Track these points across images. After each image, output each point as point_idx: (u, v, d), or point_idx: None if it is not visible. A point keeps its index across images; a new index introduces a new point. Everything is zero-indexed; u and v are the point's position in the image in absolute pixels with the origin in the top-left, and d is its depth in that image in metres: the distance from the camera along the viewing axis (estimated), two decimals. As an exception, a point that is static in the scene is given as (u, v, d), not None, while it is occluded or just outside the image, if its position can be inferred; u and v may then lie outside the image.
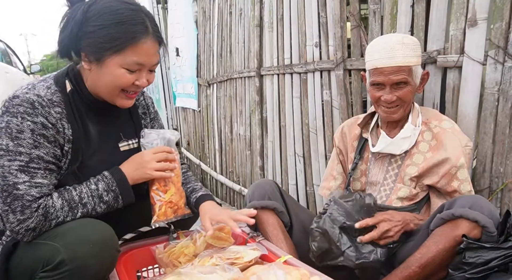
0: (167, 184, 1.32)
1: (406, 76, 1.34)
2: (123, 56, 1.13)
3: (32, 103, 1.09)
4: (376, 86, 1.41)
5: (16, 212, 1.06)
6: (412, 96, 1.40)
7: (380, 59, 1.36)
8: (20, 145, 1.07)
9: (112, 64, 1.14)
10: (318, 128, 2.12)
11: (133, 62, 1.15)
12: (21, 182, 1.07)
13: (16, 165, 1.07)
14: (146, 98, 1.49)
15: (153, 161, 1.26)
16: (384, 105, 1.41)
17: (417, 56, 1.36)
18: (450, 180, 1.35)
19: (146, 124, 1.46)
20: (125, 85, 1.18)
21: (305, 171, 2.28)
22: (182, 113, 4.64)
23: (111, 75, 1.15)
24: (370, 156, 1.55)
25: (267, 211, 1.48)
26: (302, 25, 2.14)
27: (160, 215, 1.31)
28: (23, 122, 1.08)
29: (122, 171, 1.23)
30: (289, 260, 1.17)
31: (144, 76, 1.20)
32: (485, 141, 1.41)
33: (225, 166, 3.41)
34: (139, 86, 1.20)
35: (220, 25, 3.26)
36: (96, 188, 1.18)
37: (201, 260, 1.18)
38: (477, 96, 1.41)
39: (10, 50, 6.17)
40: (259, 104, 2.67)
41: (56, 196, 1.12)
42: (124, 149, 1.33)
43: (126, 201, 1.23)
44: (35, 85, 1.15)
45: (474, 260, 1.11)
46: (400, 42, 1.35)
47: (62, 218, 1.11)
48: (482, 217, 1.13)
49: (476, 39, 1.37)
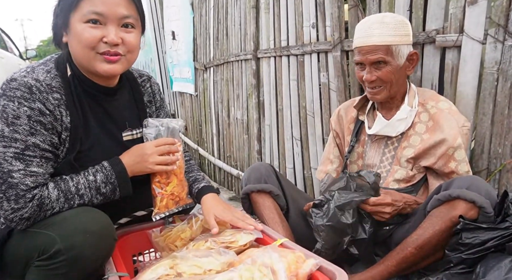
0: (169, 176, 1.29)
1: (383, 55, 1.33)
2: (80, 10, 1.08)
3: (29, 88, 1.05)
4: (359, 66, 1.41)
5: (10, 200, 1.03)
6: (395, 76, 1.36)
7: (359, 38, 1.38)
8: (16, 131, 1.04)
9: (74, 21, 1.09)
10: (316, 111, 2.09)
11: (89, 12, 1.08)
12: (15, 170, 1.04)
13: (11, 152, 1.04)
14: (152, 85, 1.43)
15: (154, 155, 1.21)
16: (368, 86, 1.41)
17: (398, 35, 1.33)
18: (448, 161, 1.33)
19: (151, 113, 1.41)
20: (92, 41, 1.09)
21: (302, 154, 2.27)
22: (180, 98, 4.61)
23: (76, 34, 1.09)
24: (366, 138, 1.54)
25: (263, 194, 1.47)
26: (299, 6, 2.09)
27: (161, 207, 1.28)
28: (19, 108, 1.04)
29: (122, 163, 1.19)
30: (285, 243, 1.16)
31: (112, 31, 1.10)
32: (484, 122, 1.39)
33: (222, 151, 3.40)
34: (110, 43, 1.11)
35: (216, 7, 3.21)
36: (94, 179, 1.14)
37: (196, 244, 1.17)
38: (476, 76, 1.38)
39: (5, 36, 6.09)
40: (256, 88, 2.64)
41: (52, 186, 1.09)
42: (127, 138, 1.29)
43: (123, 194, 1.20)
44: (34, 69, 1.11)
45: (471, 241, 1.11)
46: (379, 21, 1.34)
47: (57, 209, 1.09)
48: (479, 197, 1.12)
49: (476, 18, 1.34)
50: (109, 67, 1.14)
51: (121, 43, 1.13)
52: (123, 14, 1.12)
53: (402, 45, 1.34)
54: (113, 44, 1.12)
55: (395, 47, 1.33)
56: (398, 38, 1.33)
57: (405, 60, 1.36)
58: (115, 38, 1.11)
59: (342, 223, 1.31)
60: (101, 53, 1.12)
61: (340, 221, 1.31)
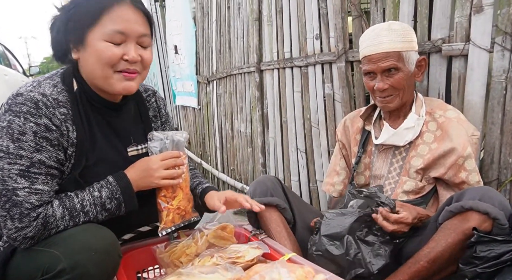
0: (175, 190, 1.27)
1: (395, 62, 1.32)
2: (101, 27, 1.08)
3: (36, 103, 1.03)
4: (369, 76, 1.40)
5: (14, 219, 1.01)
6: (407, 83, 1.36)
7: (368, 47, 1.36)
8: (21, 148, 1.02)
9: (94, 39, 1.08)
10: (320, 122, 2.07)
11: (112, 31, 1.08)
12: (20, 188, 1.01)
13: (16, 169, 1.01)
14: (158, 100, 1.42)
15: (160, 169, 1.19)
16: (379, 95, 1.39)
17: (407, 41, 1.33)
18: (458, 171, 1.30)
19: (157, 127, 1.39)
20: (113, 60, 1.09)
21: (307, 166, 2.24)
22: (183, 111, 4.61)
23: (96, 51, 1.08)
24: (373, 148, 1.51)
25: (269, 208, 1.44)
26: (302, 17, 2.09)
27: (167, 222, 1.26)
28: (25, 124, 1.02)
29: (127, 177, 1.16)
30: (293, 258, 1.13)
31: (132, 49, 1.11)
32: (493, 131, 1.37)
33: (226, 164, 3.38)
34: (130, 62, 1.11)
35: (219, 21, 3.22)
36: (99, 195, 1.12)
37: (202, 259, 1.14)
38: (484, 85, 1.37)
39: (9, 53, 6.16)
40: (259, 100, 2.63)
41: (56, 204, 1.06)
42: (132, 153, 1.27)
43: (128, 209, 1.17)
44: (40, 83, 1.09)
45: (486, 254, 1.07)
46: (386, 28, 1.34)
47: (62, 227, 1.07)
48: (493, 209, 1.08)
49: (482, 26, 1.33)
50: (127, 84, 1.14)
51: (139, 60, 1.14)
52: (141, 32, 1.13)
53: (411, 52, 1.34)
54: (134, 62, 1.12)
55: (405, 53, 1.32)
56: (407, 44, 1.33)
57: (414, 67, 1.36)
58: (136, 56, 1.12)
59: (331, 254, 1.23)
60: (119, 71, 1.12)
61: (328, 251, 1.23)
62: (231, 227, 1.33)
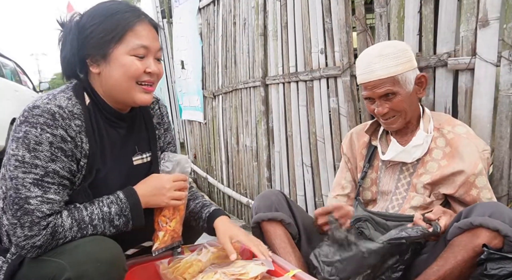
0: (175, 212, 1.30)
1: (390, 87, 1.30)
2: (126, 43, 1.15)
3: (53, 115, 1.07)
4: (368, 101, 1.40)
5: (24, 227, 1.02)
6: (408, 104, 1.34)
7: (361, 75, 1.36)
8: (36, 157, 1.04)
9: (119, 54, 1.15)
10: (326, 137, 2.06)
11: (137, 45, 1.16)
12: (33, 196, 1.03)
13: (30, 178, 1.04)
14: (161, 107, 1.45)
15: (172, 189, 1.23)
16: (381, 118, 1.39)
17: (401, 64, 1.30)
18: (469, 189, 1.28)
19: (160, 135, 1.42)
20: (137, 73, 1.16)
21: (313, 181, 2.22)
22: (189, 126, 4.62)
23: (121, 65, 1.15)
24: (380, 164, 1.49)
25: (274, 223, 1.42)
26: (307, 32, 2.11)
27: (162, 243, 1.28)
28: (42, 134, 1.05)
29: (137, 195, 1.18)
30: (298, 274, 1.11)
31: (152, 63, 1.19)
32: (502, 146, 1.35)
33: (232, 178, 3.36)
34: (152, 74, 1.19)
35: (225, 36, 3.25)
36: (109, 211, 1.13)
37: (205, 276, 1.13)
38: (492, 99, 1.35)
39: (20, 69, 6.26)
40: (265, 114, 2.63)
41: (65, 214, 1.08)
42: (137, 162, 1.30)
43: (135, 226, 1.19)
44: (55, 96, 1.13)
45: (497, 272, 1.04)
46: (378, 54, 1.32)
47: (70, 238, 1.08)
48: (504, 225, 1.06)
49: (488, 40, 1.32)
50: (147, 97, 1.21)
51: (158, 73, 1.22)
52: (159, 47, 1.22)
53: (407, 72, 1.31)
54: (155, 74, 1.21)
55: (400, 76, 1.30)
56: (401, 67, 1.30)
57: (413, 85, 1.34)
58: (157, 69, 1.20)
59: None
60: (139, 83, 1.19)
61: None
62: (237, 245, 1.31)
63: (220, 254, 1.30)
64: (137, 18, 1.17)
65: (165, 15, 5.28)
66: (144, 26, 1.18)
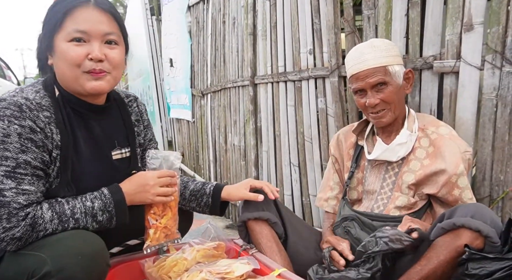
0: (165, 209, 1.28)
1: (382, 76, 1.34)
2: (64, 30, 1.11)
3: (19, 106, 1.06)
4: (359, 94, 1.42)
5: (2, 219, 1.01)
6: (397, 97, 1.38)
7: (354, 66, 1.39)
8: (6, 149, 1.03)
9: (59, 42, 1.12)
10: (314, 137, 2.07)
11: (73, 30, 1.11)
12: (7, 188, 1.02)
13: (2, 170, 1.02)
14: (139, 105, 1.45)
15: (157, 186, 1.21)
16: (371, 111, 1.41)
17: (391, 56, 1.36)
18: (451, 189, 1.30)
19: (140, 132, 1.41)
20: (77, 59, 1.12)
21: (300, 180, 2.23)
22: (177, 124, 4.60)
23: (61, 53, 1.12)
24: (366, 163, 1.51)
25: (260, 222, 1.43)
26: (296, 32, 2.11)
27: (153, 240, 1.27)
28: (10, 126, 1.03)
29: (122, 192, 1.17)
30: (283, 274, 1.11)
31: (96, 48, 1.13)
32: (484, 148, 1.37)
33: (219, 177, 3.36)
34: (94, 60, 1.13)
35: (214, 35, 3.24)
36: (92, 205, 1.12)
37: (190, 274, 1.12)
38: (475, 102, 1.38)
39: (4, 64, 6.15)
40: (253, 114, 2.63)
41: (46, 207, 1.07)
42: (116, 157, 1.29)
43: (119, 223, 1.17)
44: (23, 89, 1.12)
45: (478, 272, 1.06)
46: (369, 46, 1.39)
47: (51, 231, 1.06)
48: (485, 226, 1.08)
49: (472, 44, 1.34)
50: (96, 84, 1.15)
51: (105, 59, 1.15)
52: (105, 31, 1.15)
53: (397, 65, 1.37)
54: (97, 60, 1.13)
55: (391, 67, 1.35)
56: (391, 58, 1.36)
57: (402, 80, 1.38)
58: (99, 54, 1.13)
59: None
60: (86, 71, 1.14)
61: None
62: (223, 245, 1.31)
63: (206, 252, 1.29)
64: (79, 3, 1.12)
65: (154, 13, 5.24)
66: (85, 10, 1.12)
